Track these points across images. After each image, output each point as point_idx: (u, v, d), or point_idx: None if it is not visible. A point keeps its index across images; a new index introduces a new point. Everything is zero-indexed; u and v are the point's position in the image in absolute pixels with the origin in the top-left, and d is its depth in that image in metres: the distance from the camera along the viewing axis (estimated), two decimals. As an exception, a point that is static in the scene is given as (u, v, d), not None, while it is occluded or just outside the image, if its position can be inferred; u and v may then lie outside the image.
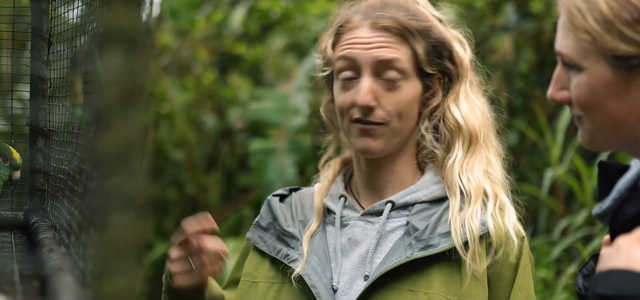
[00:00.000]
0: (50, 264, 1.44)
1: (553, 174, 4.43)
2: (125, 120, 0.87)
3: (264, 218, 2.08)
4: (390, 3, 2.00)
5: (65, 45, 2.04)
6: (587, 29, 1.45)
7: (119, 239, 0.87)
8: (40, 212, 2.09)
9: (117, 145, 0.86)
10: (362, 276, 1.92)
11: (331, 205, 2.02)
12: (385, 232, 1.96)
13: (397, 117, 1.96)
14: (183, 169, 6.63)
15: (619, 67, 1.44)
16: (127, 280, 0.87)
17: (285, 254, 2.00)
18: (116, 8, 0.88)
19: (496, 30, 5.52)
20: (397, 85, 1.95)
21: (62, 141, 1.96)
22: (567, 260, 4.40)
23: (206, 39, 6.80)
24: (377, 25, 1.96)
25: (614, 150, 1.58)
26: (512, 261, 1.92)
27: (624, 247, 1.40)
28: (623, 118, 1.46)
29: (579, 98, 1.48)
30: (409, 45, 1.96)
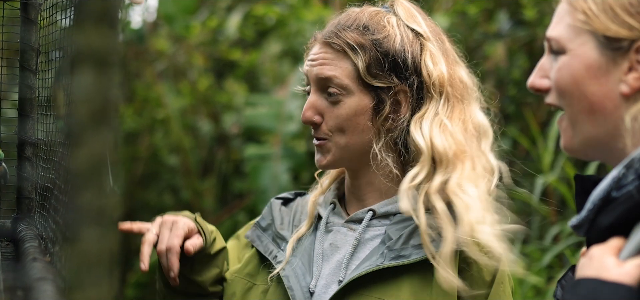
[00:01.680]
0: (33, 273, 1.46)
1: (545, 180, 4.45)
2: (96, 138, 0.89)
3: (265, 219, 2.13)
4: (349, 18, 2.01)
5: (54, 55, 2.06)
6: (584, 9, 1.48)
7: (90, 252, 0.89)
8: (28, 221, 2.11)
9: (88, 162, 0.89)
10: (337, 281, 1.95)
11: (321, 211, 2.06)
12: (364, 239, 1.98)
13: (339, 132, 1.97)
14: (178, 174, 6.65)
15: (605, 48, 1.46)
16: (98, 293, 0.89)
17: (275, 256, 2.04)
18: (87, 28, 0.90)
19: (489, 38, 5.54)
20: (338, 100, 1.97)
21: (49, 151, 1.98)
22: (558, 267, 4.42)
23: (202, 45, 6.82)
24: (324, 42, 2.00)
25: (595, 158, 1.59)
26: (486, 278, 1.92)
27: (596, 256, 1.42)
28: (600, 103, 1.47)
29: (558, 80, 1.50)
30: (350, 60, 1.96)
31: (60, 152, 1.69)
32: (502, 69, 5.43)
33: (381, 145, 1.97)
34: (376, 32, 1.97)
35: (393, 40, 1.97)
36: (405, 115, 1.97)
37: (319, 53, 1.99)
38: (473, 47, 5.63)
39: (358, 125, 1.97)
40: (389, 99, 1.96)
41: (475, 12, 5.49)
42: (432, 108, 1.97)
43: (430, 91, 1.97)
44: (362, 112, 1.96)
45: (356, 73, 1.96)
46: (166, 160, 6.69)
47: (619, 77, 1.46)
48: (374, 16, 2.01)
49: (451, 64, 2.02)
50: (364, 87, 1.96)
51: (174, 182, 6.70)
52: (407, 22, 2.01)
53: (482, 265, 1.91)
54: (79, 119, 0.88)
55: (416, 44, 1.98)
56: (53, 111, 1.92)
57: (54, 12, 2.10)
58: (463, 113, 1.99)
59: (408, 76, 1.96)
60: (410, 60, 1.96)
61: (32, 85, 2.16)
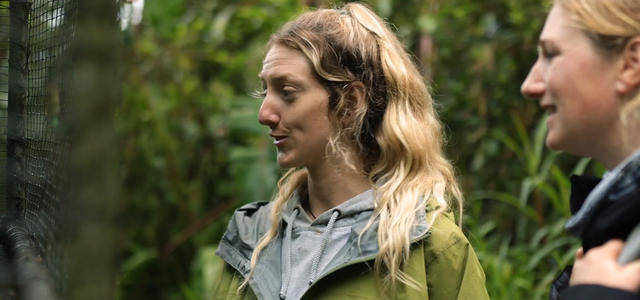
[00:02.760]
0: (26, 273, 1.45)
1: (532, 183, 4.46)
2: (97, 134, 0.88)
3: (231, 232, 2.13)
4: (304, 19, 2.04)
5: (44, 55, 2.05)
6: (578, 9, 1.48)
7: (91, 249, 0.88)
8: (18, 221, 2.09)
9: (89, 158, 0.88)
10: (307, 283, 1.96)
11: (286, 218, 2.07)
12: (332, 241, 2.00)
13: (297, 129, 1.99)
14: (164, 177, 6.63)
15: (600, 46, 1.46)
16: (98, 290, 0.88)
17: (242, 266, 2.06)
18: (89, 23, 0.89)
19: (476, 41, 5.55)
20: (294, 98, 1.98)
21: (39, 151, 1.96)
22: (545, 270, 4.44)
23: (188, 47, 6.80)
24: (279, 41, 2.02)
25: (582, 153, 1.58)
26: (456, 269, 1.94)
27: (595, 260, 1.41)
28: (594, 102, 1.47)
29: (553, 81, 1.50)
30: (304, 56, 1.98)
31: (52, 151, 1.68)
32: (489, 72, 5.44)
33: (337, 139, 1.99)
34: (330, 28, 2.00)
35: (347, 35, 2.00)
36: (362, 109, 1.99)
37: (274, 53, 2.02)
38: (460, 50, 5.64)
39: (315, 121, 1.99)
40: (344, 93, 1.98)
41: (462, 15, 5.50)
42: (400, 108, 2.00)
43: (396, 90, 2.00)
44: (318, 108, 1.98)
45: (311, 68, 1.98)
46: (152, 162, 6.67)
47: (614, 75, 1.46)
48: (328, 16, 2.04)
49: (409, 68, 2.05)
50: (318, 82, 1.98)
51: (159, 185, 6.68)
52: (363, 22, 2.04)
53: (449, 256, 1.93)
54: (80, 115, 0.88)
55: (372, 42, 2.01)
56: (45, 110, 1.91)
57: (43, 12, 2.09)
58: (422, 117, 2.03)
59: (362, 69, 1.99)
60: (364, 54, 1.99)
61: (21, 84, 2.15)
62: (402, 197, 1.96)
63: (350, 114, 1.99)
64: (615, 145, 1.47)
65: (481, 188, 5.38)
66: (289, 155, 2.01)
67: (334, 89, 1.98)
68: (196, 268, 5.73)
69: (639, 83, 1.45)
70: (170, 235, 6.55)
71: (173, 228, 6.58)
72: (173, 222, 6.63)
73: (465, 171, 5.67)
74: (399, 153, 1.98)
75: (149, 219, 6.69)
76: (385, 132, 1.99)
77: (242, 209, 2.17)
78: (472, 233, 2.03)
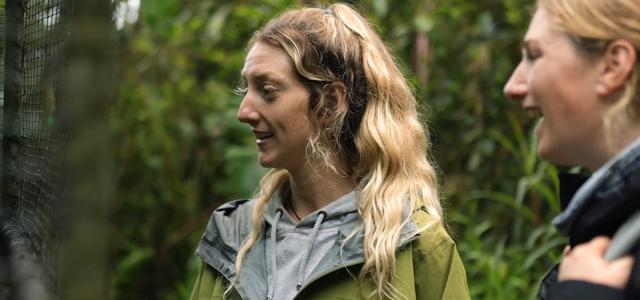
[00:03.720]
0: (21, 271, 1.44)
1: (528, 183, 4.46)
2: (92, 131, 0.88)
3: (210, 233, 2.12)
4: (287, 17, 2.03)
5: (40, 53, 2.05)
6: (561, 12, 1.50)
7: (85, 247, 0.88)
8: (13, 219, 2.09)
9: (83, 155, 0.88)
10: (295, 286, 1.96)
11: (269, 219, 2.05)
12: (318, 242, 1.99)
13: (280, 128, 1.98)
14: (160, 176, 6.63)
15: (581, 48, 1.47)
16: (92, 288, 0.88)
17: (226, 269, 2.04)
18: (83, 20, 0.89)
19: (472, 40, 5.56)
20: (274, 96, 1.97)
21: (35, 149, 1.96)
22: (541, 270, 4.44)
23: (184, 46, 6.80)
24: (262, 39, 2.01)
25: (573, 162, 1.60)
26: (442, 269, 1.95)
27: (581, 257, 1.42)
28: (576, 104, 1.48)
29: (535, 82, 1.51)
30: (286, 54, 1.97)
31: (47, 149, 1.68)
32: (485, 72, 5.44)
33: (317, 139, 1.98)
34: (312, 27, 1.99)
35: (330, 35, 1.99)
36: (342, 109, 1.98)
37: (256, 51, 2.01)
38: (456, 49, 5.65)
39: (295, 120, 1.98)
40: (324, 93, 1.97)
41: (458, 15, 5.50)
42: (379, 110, 1.99)
43: (376, 92, 1.99)
44: (299, 107, 1.97)
45: (292, 67, 1.97)
46: (148, 161, 6.67)
47: (596, 77, 1.47)
48: (312, 14, 2.03)
49: (391, 70, 2.04)
50: (299, 81, 1.97)
51: (155, 184, 6.68)
52: (346, 23, 2.02)
53: (436, 256, 1.95)
54: (75, 112, 0.87)
55: (354, 42, 2.00)
56: (40, 108, 1.91)
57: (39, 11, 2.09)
58: (403, 121, 2.02)
59: (343, 69, 1.98)
60: (346, 55, 1.98)
61: (17, 82, 2.14)
62: (386, 206, 1.95)
63: (330, 114, 1.98)
64: (602, 150, 1.48)
65: (477, 187, 5.39)
66: (270, 155, 2.00)
67: (315, 88, 1.97)
68: (192, 267, 5.73)
69: (620, 86, 1.46)
70: (166, 234, 6.55)
71: (169, 227, 6.58)
72: (169, 221, 6.63)
73: (461, 171, 5.68)
74: (376, 155, 1.98)
75: (145, 218, 6.69)
76: (363, 134, 1.98)
77: (221, 209, 2.15)
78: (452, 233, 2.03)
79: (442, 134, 5.83)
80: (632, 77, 1.45)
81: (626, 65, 1.44)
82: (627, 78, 1.45)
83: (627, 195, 1.41)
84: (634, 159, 1.43)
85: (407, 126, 2.02)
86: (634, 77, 1.45)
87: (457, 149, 5.69)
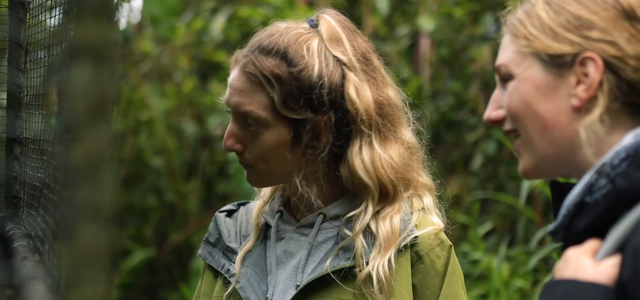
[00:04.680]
0: (23, 272, 1.44)
1: (531, 184, 4.46)
2: (94, 133, 0.88)
3: (212, 234, 2.11)
4: (271, 40, 1.95)
5: (43, 54, 2.05)
6: (525, 34, 1.53)
7: (87, 249, 0.88)
8: (16, 220, 2.09)
9: (86, 157, 0.87)
10: (294, 285, 1.96)
11: (269, 220, 2.05)
12: (317, 243, 1.99)
13: (264, 161, 1.95)
14: (162, 176, 6.63)
15: (550, 65, 1.51)
16: (94, 290, 0.88)
17: (227, 269, 2.04)
18: (86, 22, 0.89)
19: (475, 40, 5.56)
20: (257, 132, 1.93)
21: (38, 150, 1.96)
22: (544, 270, 4.43)
23: (186, 47, 6.80)
24: (242, 69, 1.95)
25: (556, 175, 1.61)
26: (439, 270, 1.95)
27: (572, 258, 1.45)
28: (553, 119, 1.51)
29: (510, 105, 1.54)
30: (266, 91, 1.92)
31: (50, 150, 1.68)
32: (488, 72, 5.44)
33: (301, 177, 1.96)
34: (293, 64, 1.91)
35: (311, 71, 1.91)
36: (326, 145, 1.93)
37: (236, 81, 1.96)
38: (459, 49, 5.64)
39: (279, 155, 1.94)
40: (306, 130, 1.92)
41: (461, 15, 5.50)
42: (364, 141, 1.94)
43: (358, 124, 1.93)
44: (282, 144, 1.93)
45: (272, 105, 1.92)
46: (150, 161, 6.67)
47: (568, 91, 1.50)
48: (294, 41, 1.93)
49: (379, 87, 1.97)
50: (281, 118, 1.92)
51: (158, 184, 6.68)
52: (330, 47, 1.94)
53: (433, 257, 1.95)
54: (77, 114, 0.87)
55: (337, 72, 1.93)
56: (43, 109, 1.91)
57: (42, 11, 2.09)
58: (395, 139, 1.98)
59: (324, 105, 1.92)
60: (327, 91, 1.91)
61: (20, 83, 2.15)
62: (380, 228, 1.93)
63: (315, 149, 1.94)
64: (582, 161, 1.51)
65: (480, 188, 5.39)
66: (255, 178, 2.00)
67: (297, 125, 1.93)
68: (194, 267, 5.73)
69: (593, 97, 1.49)
70: (168, 234, 6.55)
71: (171, 227, 6.59)
72: (171, 221, 6.63)
73: (464, 171, 5.67)
74: (363, 188, 1.94)
75: (148, 218, 6.70)
76: (348, 167, 1.94)
77: (222, 211, 2.14)
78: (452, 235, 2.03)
79: (445, 134, 5.83)
80: (603, 86, 1.48)
81: (596, 76, 1.48)
82: (598, 88, 1.48)
83: (614, 196, 1.44)
84: (618, 161, 1.45)
85: (400, 144, 1.98)
86: (604, 86, 1.48)
87: (460, 149, 5.69)
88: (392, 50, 6.36)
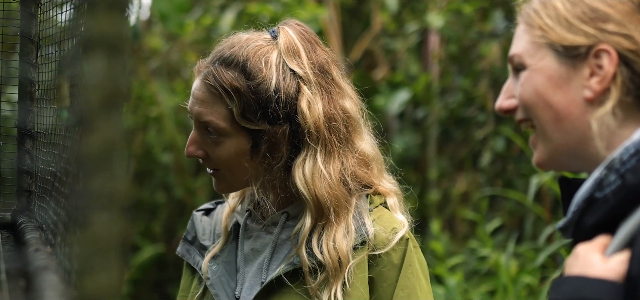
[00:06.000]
0: (36, 263, 1.46)
1: (539, 180, 4.46)
2: (108, 123, 0.90)
3: (190, 232, 2.20)
4: (232, 52, 2.00)
5: (54, 48, 2.06)
6: (540, 24, 1.53)
7: (100, 237, 0.90)
8: (27, 213, 2.11)
9: (99, 147, 0.89)
10: (260, 283, 2.02)
11: (240, 219, 2.11)
12: (281, 240, 2.05)
13: (226, 168, 2.02)
14: (171, 172, 6.65)
15: (564, 57, 1.51)
16: (108, 278, 0.90)
17: (201, 267, 2.12)
18: (99, 14, 0.90)
19: (484, 37, 5.56)
20: (218, 141, 1.99)
21: (49, 143, 1.98)
22: (552, 267, 4.44)
23: (195, 43, 6.82)
24: (203, 80, 2.01)
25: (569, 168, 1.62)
26: (396, 262, 2.00)
27: (581, 254, 1.46)
28: (565, 110, 1.51)
29: (523, 95, 1.54)
30: (225, 103, 1.97)
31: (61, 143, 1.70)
32: (497, 69, 5.44)
33: (259, 185, 2.02)
34: (251, 77, 1.97)
35: (268, 84, 1.96)
36: (283, 155, 1.99)
37: (198, 91, 2.01)
38: (468, 46, 5.65)
39: (239, 164, 2.00)
40: (263, 140, 1.98)
41: (470, 11, 5.50)
42: (310, 156, 1.99)
43: (306, 138, 1.98)
44: (241, 153, 1.99)
45: (231, 116, 1.98)
46: (159, 157, 6.69)
47: (581, 83, 1.50)
48: (253, 54, 1.98)
49: (333, 100, 2.02)
50: (240, 129, 1.98)
51: (167, 180, 6.70)
52: (287, 60, 1.99)
53: (389, 250, 2.00)
54: (91, 105, 0.89)
55: (292, 86, 1.98)
56: (54, 103, 1.93)
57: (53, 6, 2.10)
58: (344, 153, 2.02)
59: (280, 117, 1.97)
60: (283, 105, 1.97)
61: (31, 78, 2.16)
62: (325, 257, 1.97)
63: (272, 159, 1.99)
64: (594, 153, 1.51)
65: (488, 185, 5.39)
66: (221, 185, 2.06)
67: (255, 136, 1.98)
68: (203, 263, 5.74)
69: (606, 89, 1.49)
70: (177, 230, 6.57)
71: (180, 223, 6.60)
72: (180, 217, 6.65)
73: (472, 168, 5.68)
74: (303, 199, 1.99)
75: (157, 214, 6.72)
76: (292, 178, 1.99)
77: (200, 209, 2.22)
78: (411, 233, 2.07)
79: (454, 130, 5.83)
80: (617, 79, 1.48)
81: (609, 68, 1.48)
82: (611, 80, 1.48)
83: (624, 192, 1.44)
84: (627, 157, 1.46)
85: (350, 156, 2.02)
86: (618, 79, 1.48)
87: (469, 145, 5.69)
88: (401, 47, 6.37)
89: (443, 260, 4.63)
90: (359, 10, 6.79)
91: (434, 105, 5.87)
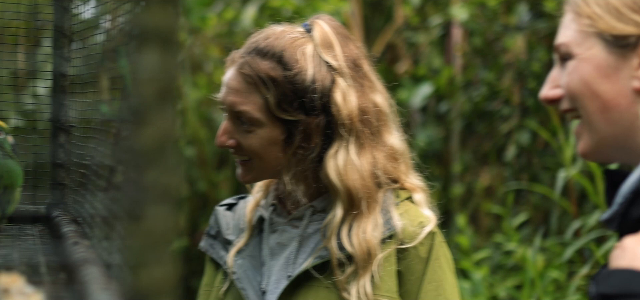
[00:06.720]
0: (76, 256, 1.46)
1: (566, 174, 4.44)
2: (161, 116, 0.90)
3: (213, 227, 2.19)
4: (267, 43, 2.01)
5: (87, 42, 2.07)
6: (589, 13, 1.51)
7: (154, 230, 0.90)
8: (62, 206, 2.12)
9: (154, 140, 0.89)
10: (286, 276, 2.02)
11: (265, 214, 2.11)
12: (308, 234, 2.05)
13: (257, 158, 2.02)
14: (194, 166, 6.66)
15: (613, 46, 1.49)
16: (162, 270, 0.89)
17: (225, 261, 2.11)
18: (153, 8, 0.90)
19: (509, 30, 5.53)
20: (250, 130, 2.00)
21: (83, 136, 1.98)
22: (579, 262, 4.42)
23: (218, 37, 6.82)
24: (238, 70, 2.01)
25: (614, 160, 1.60)
26: (423, 255, 2.01)
27: (629, 247, 1.43)
28: (613, 100, 1.49)
29: (570, 85, 1.53)
30: (260, 93, 1.97)
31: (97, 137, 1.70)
32: (521, 62, 5.42)
33: (291, 175, 2.02)
34: (288, 67, 1.98)
35: (304, 75, 1.97)
36: (316, 144, 2.00)
37: (232, 81, 2.01)
38: (492, 39, 5.62)
39: (271, 154, 2.00)
40: (298, 131, 1.99)
41: (494, 4, 5.48)
42: (342, 147, 2.00)
43: (339, 129, 1.99)
44: (275, 143, 2.00)
45: (266, 106, 1.98)
46: (183, 151, 6.71)
47: (630, 73, 1.48)
48: (289, 45, 2.00)
49: (366, 93, 2.03)
50: (274, 119, 1.99)
51: (190, 173, 6.71)
52: (322, 53, 2.00)
53: (417, 244, 2.01)
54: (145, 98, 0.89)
55: (327, 78, 1.99)
56: (89, 96, 1.93)
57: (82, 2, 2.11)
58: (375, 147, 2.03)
59: (316, 107, 1.98)
60: (319, 96, 1.98)
61: (65, 71, 2.17)
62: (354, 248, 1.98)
63: (305, 150, 2.00)
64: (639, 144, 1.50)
65: (514, 179, 5.37)
66: (248, 175, 2.06)
67: (290, 126, 1.99)
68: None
69: None
70: (200, 224, 6.59)
71: (203, 216, 6.62)
72: (203, 210, 6.67)
73: (497, 161, 5.66)
74: (335, 190, 2.00)
75: (180, 207, 6.74)
76: (324, 169, 2.00)
77: (222, 204, 2.21)
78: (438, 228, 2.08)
79: (478, 124, 5.81)
80: None
81: None
82: None
83: None
84: None
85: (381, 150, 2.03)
86: None
87: (493, 139, 5.67)
88: (424, 40, 6.35)
89: (468, 254, 4.61)
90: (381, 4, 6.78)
91: (457, 98, 5.85)
